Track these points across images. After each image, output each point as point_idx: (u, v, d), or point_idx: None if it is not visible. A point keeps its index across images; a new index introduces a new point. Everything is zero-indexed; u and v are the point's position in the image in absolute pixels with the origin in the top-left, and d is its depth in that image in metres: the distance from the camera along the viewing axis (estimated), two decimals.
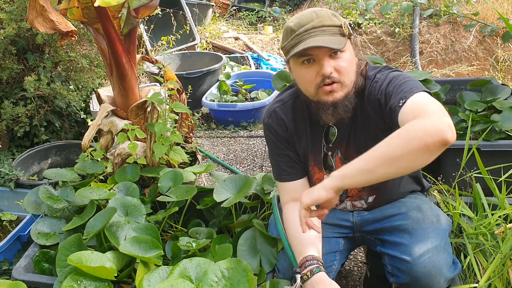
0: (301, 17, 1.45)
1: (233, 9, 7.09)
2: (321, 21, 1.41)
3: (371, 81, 1.51)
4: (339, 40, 1.41)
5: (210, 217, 2.10)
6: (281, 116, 1.67)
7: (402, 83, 1.41)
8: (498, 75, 4.34)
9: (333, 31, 1.42)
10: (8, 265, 2.20)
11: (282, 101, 1.69)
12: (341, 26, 1.42)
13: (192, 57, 4.76)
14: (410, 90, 1.36)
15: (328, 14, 1.43)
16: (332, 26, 1.42)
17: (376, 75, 1.52)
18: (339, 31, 1.42)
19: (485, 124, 2.42)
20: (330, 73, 1.43)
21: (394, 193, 1.68)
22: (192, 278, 1.50)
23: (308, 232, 1.52)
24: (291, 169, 1.68)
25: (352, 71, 1.47)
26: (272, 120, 1.68)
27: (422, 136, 1.19)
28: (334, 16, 1.44)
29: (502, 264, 1.59)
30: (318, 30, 1.41)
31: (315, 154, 1.65)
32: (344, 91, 1.47)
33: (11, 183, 2.59)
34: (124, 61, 2.17)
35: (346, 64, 1.44)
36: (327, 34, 1.41)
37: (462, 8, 4.93)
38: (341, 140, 1.59)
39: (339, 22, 1.43)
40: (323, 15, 1.43)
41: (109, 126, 2.30)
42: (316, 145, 1.64)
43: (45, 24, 2.00)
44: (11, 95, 2.98)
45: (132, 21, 2.14)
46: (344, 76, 1.45)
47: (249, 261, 1.64)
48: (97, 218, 1.81)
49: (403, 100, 1.34)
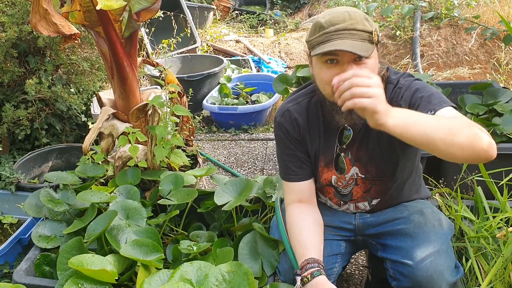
0: (333, 15, 1.40)
1: (234, 12, 7.10)
2: (353, 24, 1.37)
3: (393, 86, 1.49)
4: (367, 47, 1.37)
5: (211, 220, 2.09)
6: (294, 116, 1.65)
7: (429, 94, 1.40)
8: (499, 78, 4.34)
9: (362, 36, 1.37)
10: (9, 268, 2.20)
11: (296, 100, 1.67)
12: (371, 33, 1.38)
13: (193, 60, 4.77)
14: (438, 103, 1.35)
15: (361, 17, 1.39)
16: (363, 31, 1.37)
17: (400, 80, 1.50)
18: (368, 37, 1.38)
19: (486, 128, 2.41)
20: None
21: (397, 198, 1.67)
22: (193, 281, 1.50)
23: (310, 235, 1.52)
24: (299, 170, 1.67)
25: None
26: (285, 119, 1.66)
27: (481, 139, 1.21)
28: (366, 20, 1.40)
29: (503, 267, 1.59)
30: (348, 32, 1.37)
31: (326, 154, 1.63)
32: None
33: (12, 186, 2.59)
34: (125, 64, 2.18)
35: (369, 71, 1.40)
36: (357, 38, 1.37)
37: (463, 11, 4.94)
38: (354, 141, 1.58)
39: (370, 28, 1.38)
40: (356, 17, 1.38)
41: (110, 129, 2.30)
42: (329, 145, 1.62)
43: (48, 28, 2.01)
44: (12, 98, 2.98)
45: (133, 25, 2.14)
46: None
47: (250, 265, 1.64)
48: (98, 221, 1.81)
49: (431, 112, 1.33)
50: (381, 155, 1.55)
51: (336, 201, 1.70)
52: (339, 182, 1.64)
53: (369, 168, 1.59)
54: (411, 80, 1.49)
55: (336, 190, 1.67)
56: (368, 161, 1.58)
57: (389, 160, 1.56)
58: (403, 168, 1.61)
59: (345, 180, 1.63)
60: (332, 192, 1.69)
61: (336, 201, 1.70)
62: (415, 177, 1.71)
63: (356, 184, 1.63)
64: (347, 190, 1.65)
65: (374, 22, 1.42)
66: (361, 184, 1.63)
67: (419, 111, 1.35)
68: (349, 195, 1.66)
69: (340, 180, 1.64)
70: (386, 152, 1.54)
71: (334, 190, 1.68)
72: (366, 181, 1.62)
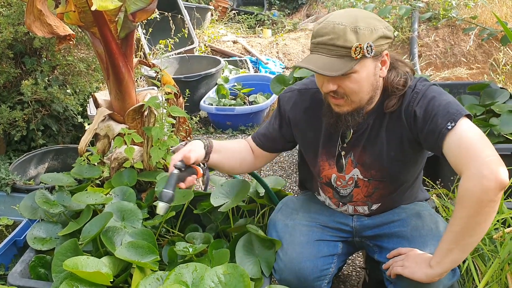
0: (322, 24, 1.39)
1: (232, 12, 7.10)
2: (332, 39, 1.35)
3: (411, 91, 1.47)
4: (342, 65, 1.35)
5: (207, 221, 2.09)
6: (297, 99, 1.66)
7: (446, 103, 1.39)
8: (497, 78, 4.34)
9: (340, 53, 1.35)
10: (4, 270, 2.19)
11: (306, 86, 1.67)
12: (350, 49, 1.34)
13: (191, 61, 4.76)
14: (457, 112, 1.36)
15: (345, 31, 1.34)
16: (342, 47, 1.34)
17: (417, 85, 1.48)
18: (346, 54, 1.35)
19: (483, 128, 2.41)
20: (329, 91, 1.42)
21: (398, 202, 1.67)
22: (188, 283, 1.49)
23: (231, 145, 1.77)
24: (267, 142, 1.75)
25: (363, 90, 1.42)
26: (288, 97, 1.70)
27: (485, 197, 1.26)
28: (354, 33, 1.34)
29: (500, 268, 1.58)
30: (326, 48, 1.37)
31: (328, 149, 1.63)
32: (352, 106, 1.45)
33: (7, 187, 2.58)
34: (121, 65, 2.16)
35: (354, 84, 1.39)
36: (333, 55, 1.36)
37: (461, 12, 4.94)
38: (358, 143, 1.57)
39: (352, 43, 1.33)
40: (338, 32, 1.34)
41: (105, 130, 2.29)
42: (332, 141, 1.61)
43: (42, 28, 1.99)
44: (8, 99, 2.97)
45: (129, 25, 2.13)
46: (351, 95, 1.42)
47: (248, 266, 1.64)
48: (93, 223, 1.80)
49: (452, 124, 1.34)
50: (388, 159, 1.54)
51: (335, 202, 1.70)
52: (338, 181, 1.64)
53: (373, 173, 1.58)
54: (427, 85, 1.47)
55: (335, 190, 1.67)
56: (372, 164, 1.57)
57: (396, 164, 1.55)
58: (407, 173, 1.60)
59: (345, 180, 1.62)
60: (331, 191, 1.68)
61: (335, 201, 1.70)
62: (416, 181, 1.71)
63: (357, 186, 1.62)
64: (346, 191, 1.65)
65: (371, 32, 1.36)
66: (363, 186, 1.62)
67: (436, 120, 1.37)
68: (348, 196, 1.65)
69: (339, 179, 1.63)
70: (394, 156, 1.53)
71: (333, 191, 1.67)
72: (368, 184, 1.61)
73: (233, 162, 1.75)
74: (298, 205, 1.77)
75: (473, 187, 1.27)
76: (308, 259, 1.59)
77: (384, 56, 1.42)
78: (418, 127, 1.43)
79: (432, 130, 1.38)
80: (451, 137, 1.34)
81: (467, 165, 1.28)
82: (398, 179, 1.60)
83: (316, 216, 1.71)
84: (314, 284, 1.60)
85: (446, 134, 1.34)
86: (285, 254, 1.62)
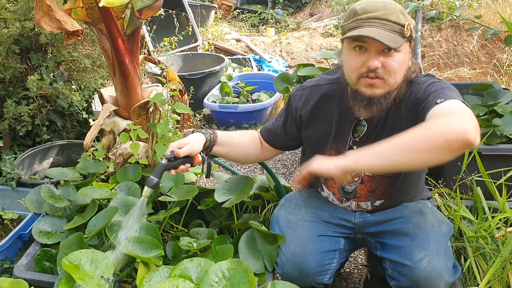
0: (368, 3, 1.42)
1: (236, 11, 7.10)
2: (385, 14, 1.39)
3: (415, 83, 1.51)
4: (396, 39, 1.38)
5: (210, 217, 2.10)
6: (308, 96, 1.68)
7: (446, 88, 1.41)
8: (500, 79, 4.34)
9: (394, 28, 1.39)
10: (9, 264, 2.20)
11: (318, 83, 1.69)
12: (404, 26, 1.39)
13: (194, 58, 4.77)
14: (451, 96, 1.35)
15: (396, 9, 1.40)
16: (395, 23, 1.39)
17: (421, 78, 1.51)
18: (399, 30, 1.39)
19: (486, 128, 2.42)
20: (376, 67, 1.42)
21: (401, 200, 1.68)
22: (192, 278, 1.50)
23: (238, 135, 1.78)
24: (273, 138, 1.78)
25: (401, 73, 1.45)
26: (299, 94, 1.72)
27: (445, 132, 1.19)
28: (402, 13, 1.41)
29: (502, 267, 1.59)
30: (380, 22, 1.39)
31: (339, 144, 1.64)
32: (385, 89, 1.46)
33: (13, 182, 2.59)
34: (127, 61, 2.18)
35: (396, 64, 1.42)
36: (387, 29, 1.38)
37: (465, 12, 4.94)
38: (368, 138, 1.58)
39: (404, 21, 1.39)
40: (391, 8, 1.40)
41: (111, 126, 2.30)
42: (343, 136, 1.63)
43: (51, 24, 2.01)
44: (13, 94, 2.99)
45: (135, 22, 2.14)
46: (390, 75, 1.43)
47: (252, 262, 1.65)
48: (98, 217, 1.81)
49: (441, 99, 1.34)
50: None
51: (339, 197, 1.71)
52: None
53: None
54: (434, 78, 1.50)
55: (340, 185, 1.68)
56: None
57: None
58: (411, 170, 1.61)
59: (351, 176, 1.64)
60: (336, 187, 1.70)
61: (339, 197, 1.71)
62: (420, 180, 1.72)
63: (362, 182, 1.64)
64: (351, 187, 1.66)
65: (411, 18, 1.41)
66: (367, 182, 1.63)
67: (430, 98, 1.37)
68: (353, 192, 1.67)
69: None
70: None
71: (338, 186, 1.69)
72: (373, 180, 1.62)
73: (238, 155, 1.80)
74: (301, 201, 1.78)
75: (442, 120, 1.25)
76: (310, 254, 1.61)
77: (411, 44, 1.48)
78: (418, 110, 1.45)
79: (423, 106, 1.40)
80: (434, 108, 1.33)
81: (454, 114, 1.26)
82: (402, 175, 1.61)
83: (318, 212, 1.73)
84: (316, 278, 1.62)
85: (432, 108, 1.34)
86: (288, 248, 1.63)
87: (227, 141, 1.73)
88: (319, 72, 2.87)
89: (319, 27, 6.29)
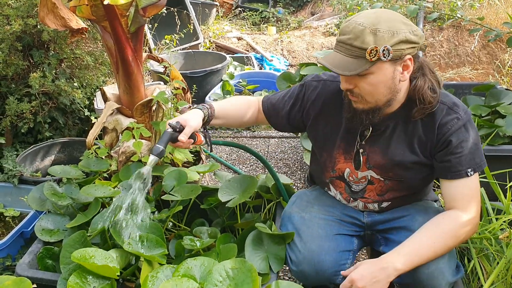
0: (346, 23, 1.41)
1: (237, 9, 7.09)
2: (350, 39, 1.38)
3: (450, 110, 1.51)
4: (357, 65, 1.37)
5: (213, 216, 2.10)
6: (322, 90, 1.69)
7: (476, 148, 1.50)
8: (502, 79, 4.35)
9: (356, 53, 1.37)
10: (11, 261, 2.20)
11: (334, 78, 1.69)
12: (366, 50, 1.35)
13: (196, 57, 4.76)
14: (480, 163, 1.51)
15: (364, 32, 1.36)
16: (358, 48, 1.37)
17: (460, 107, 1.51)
18: (361, 55, 1.37)
19: (489, 129, 2.42)
20: (345, 90, 1.48)
21: (408, 202, 1.69)
22: (196, 277, 1.50)
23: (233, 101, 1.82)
24: (274, 114, 1.79)
25: (379, 93, 1.44)
26: (314, 86, 1.71)
27: (463, 239, 1.50)
28: (371, 35, 1.35)
29: (506, 269, 1.60)
30: (344, 47, 1.40)
31: (347, 143, 1.64)
32: (367, 105, 1.48)
33: (14, 179, 2.59)
34: (130, 59, 2.18)
35: (369, 86, 1.42)
36: (350, 54, 1.39)
37: (466, 13, 4.94)
38: (375, 143, 1.59)
39: (367, 45, 1.35)
40: (357, 32, 1.36)
41: (114, 124, 2.30)
42: (351, 136, 1.63)
43: (56, 21, 2.01)
44: (16, 91, 2.98)
45: (139, 20, 2.14)
46: (366, 95, 1.45)
47: (257, 262, 1.64)
48: (101, 215, 1.81)
49: (471, 172, 1.49)
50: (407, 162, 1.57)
51: (346, 197, 1.71)
52: (350, 176, 1.66)
53: (390, 174, 1.60)
54: (469, 114, 1.52)
55: (347, 185, 1.68)
56: (387, 165, 1.59)
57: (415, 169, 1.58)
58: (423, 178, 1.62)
59: (357, 177, 1.64)
60: (343, 186, 1.70)
61: (346, 196, 1.71)
62: (429, 185, 1.73)
63: (371, 183, 1.64)
64: (358, 187, 1.67)
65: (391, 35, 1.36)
66: (377, 184, 1.63)
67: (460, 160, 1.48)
68: (360, 192, 1.67)
69: (352, 175, 1.65)
70: (414, 160, 1.56)
71: (345, 185, 1.69)
72: (384, 184, 1.63)
73: (233, 124, 1.84)
74: (312, 198, 1.78)
75: (469, 234, 1.50)
76: (327, 253, 1.61)
77: (406, 61, 1.41)
78: (443, 151, 1.50)
79: (453, 165, 1.48)
80: (464, 180, 1.49)
81: (469, 207, 1.48)
82: (413, 183, 1.62)
83: (331, 209, 1.73)
84: (331, 278, 1.62)
85: (463, 177, 1.48)
86: (305, 246, 1.62)
87: (224, 114, 1.75)
88: (321, 71, 2.86)
89: (321, 26, 6.29)
